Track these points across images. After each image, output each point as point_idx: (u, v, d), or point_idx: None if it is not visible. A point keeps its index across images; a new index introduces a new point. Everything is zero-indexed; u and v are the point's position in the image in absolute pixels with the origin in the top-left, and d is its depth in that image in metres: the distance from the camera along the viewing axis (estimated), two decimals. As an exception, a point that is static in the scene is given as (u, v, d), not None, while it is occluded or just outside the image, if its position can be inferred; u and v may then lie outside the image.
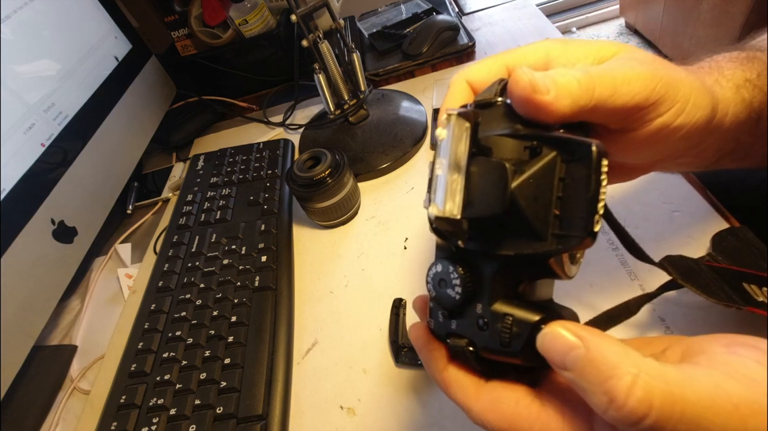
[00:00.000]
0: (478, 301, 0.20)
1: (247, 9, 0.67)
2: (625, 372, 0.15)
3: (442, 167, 0.18)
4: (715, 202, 0.39)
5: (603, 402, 0.15)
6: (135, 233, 0.60)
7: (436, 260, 0.21)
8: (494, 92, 0.21)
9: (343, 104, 0.55)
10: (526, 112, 0.19)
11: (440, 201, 0.17)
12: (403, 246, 0.45)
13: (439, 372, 0.22)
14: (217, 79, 0.76)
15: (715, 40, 1.37)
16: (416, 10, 0.76)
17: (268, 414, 0.35)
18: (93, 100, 0.54)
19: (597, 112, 0.20)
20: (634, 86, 0.20)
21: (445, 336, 0.21)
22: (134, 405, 0.37)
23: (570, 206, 0.17)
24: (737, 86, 0.26)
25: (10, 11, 0.46)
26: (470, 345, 0.20)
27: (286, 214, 0.51)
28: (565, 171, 0.18)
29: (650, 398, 0.15)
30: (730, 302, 0.28)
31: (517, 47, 0.24)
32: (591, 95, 0.19)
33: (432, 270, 0.21)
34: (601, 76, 0.20)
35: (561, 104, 0.19)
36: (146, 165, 0.72)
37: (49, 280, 0.45)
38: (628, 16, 1.93)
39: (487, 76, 0.24)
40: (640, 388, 0.15)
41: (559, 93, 0.19)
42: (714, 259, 0.33)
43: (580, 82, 0.19)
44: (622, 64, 0.21)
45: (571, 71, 0.20)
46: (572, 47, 0.23)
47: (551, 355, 0.17)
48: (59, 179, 0.47)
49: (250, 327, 0.40)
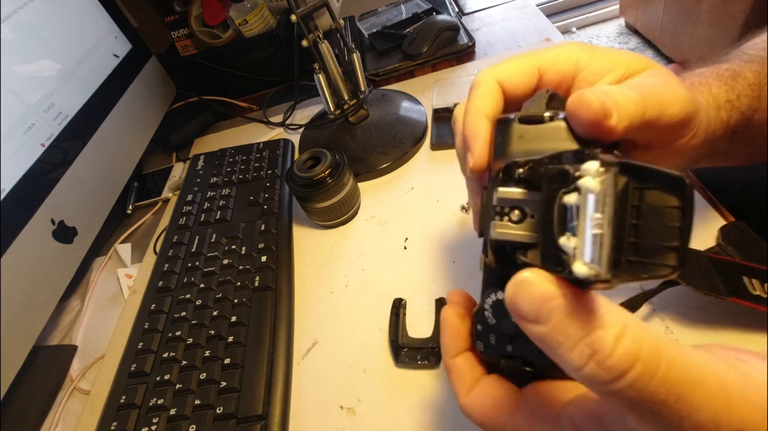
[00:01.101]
0: None
1: (247, 9, 0.68)
2: (613, 323, 0.15)
3: (599, 225, 0.15)
4: (715, 201, 0.39)
5: (583, 356, 0.15)
6: (135, 233, 0.60)
7: (493, 287, 0.21)
8: (543, 106, 0.21)
9: (343, 104, 0.55)
10: (588, 133, 0.19)
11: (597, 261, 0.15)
12: (403, 246, 0.45)
13: (450, 358, 0.23)
14: (217, 79, 0.76)
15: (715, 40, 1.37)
16: (416, 10, 0.76)
17: (268, 414, 0.35)
18: (93, 100, 0.54)
19: (641, 130, 0.20)
20: (676, 108, 0.20)
21: (499, 358, 0.21)
22: (134, 405, 0.37)
23: (652, 234, 0.17)
24: (719, 106, 0.27)
25: (10, 11, 0.46)
26: (526, 365, 0.20)
27: (286, 213, 0.51)
28: (639, 198, 0.17)
29: (638, 350, 0.14)
30: (711, 292, 0.28)
31: (545, 48, 0.24)
32: (643, 116, 0.19)
33: (492, 297, 0.21)
34: (651, 96, 0.20)
35: (621, 125, 0.19)
36: (146, 165, 0.72)
37: (49, 280, 0.45)
38: (628, 16, 1.93)
39: (519, 77, 0.24)
40: (629, 339, 0.14)
41: (620, 115, 0.19)
42: (723, 250, 0.33)
43: (636, 103, 0.19)
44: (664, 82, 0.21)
45: (625, 90, 0.20)
46: (600, 57, 0.23)
47: (521, 306, 0.16)
48: (59, 179, 0.47)
49: (250, 327, 0.40)
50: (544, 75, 0.24)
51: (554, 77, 0.24)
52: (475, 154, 0.22)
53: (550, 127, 0.20)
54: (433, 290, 0.40)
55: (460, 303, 0.24)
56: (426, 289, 0.41)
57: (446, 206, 0.47)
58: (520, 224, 0.18)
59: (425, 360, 0.35)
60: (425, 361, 0.35)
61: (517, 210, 0.18)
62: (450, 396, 0.34)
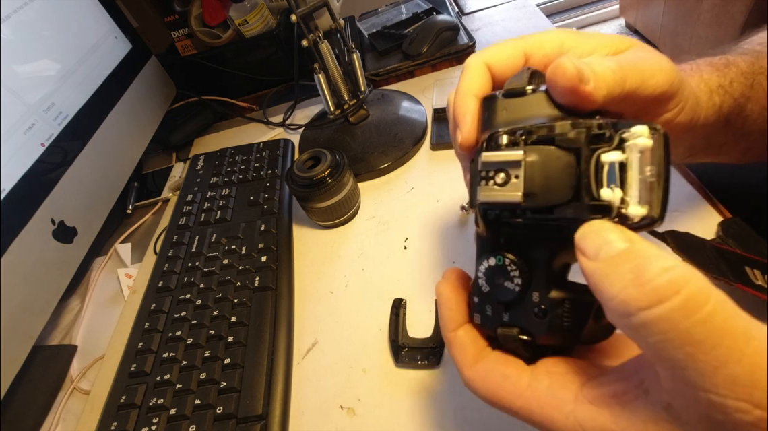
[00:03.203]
0: (533, 290, 0.20)
1: (247, 9, 0.67)
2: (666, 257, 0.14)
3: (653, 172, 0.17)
4: (715, 201, 0.39)
5: (624, 281, 0.14)
6: (135, 233, 0.60)
7: (485, 254, 0.21)
8: (524, 80, 0.21)
9: (343, 104, 0.55)
10: (568, 101, 0.19)
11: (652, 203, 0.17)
12: (403, 246, 0.45)
13: (450, 331, 0.22)
14: (217, 79, 0.76)
15: (715, 40, 1.37)
16: (416, 10, 0.76)
17: (268, 414, 0.35)
18: (93, 100, 0.54)
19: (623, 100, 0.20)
20: (658, 78, 0.21)
21: (495, 328, 0.21)
22: (134, 405, 0.37)
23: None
24: (711, 91, 0.27)
25: (10, 11, 0.46)
26: (522, 333, 0.20)
27: (286, 213, 0.51)
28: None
29: (684, 283, 0.14)
30: (720, 276, 0.29)
31: (532, 34, 0.24)
32: (623, 85, 0.20)
33: (484, 264, 0.21)
34: (631, 67, 0.20)
35: (599, 93, 0.19)
36: (146, 165, 0.72)
37: (49, 280, 0.45)
38: (628, 16, 1.93)
39: (506, 60, 0.24)
40: (677, 273, 0.14)
41: (597, 83, 0.19)
42: (724, 242, 0.34)
43: (615, 72, 0.20)
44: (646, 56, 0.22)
45: (604, 60, 0.20)
46: (585, 39, 0.23)
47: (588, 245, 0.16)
48: (59, 179, 0.47)
49: (250, 327, 0.40)
50: (530, 58, 0.24)
51: (540, 60, 0.24)
52: (464, 130, 0.23)
53: (532, 98, 0.20)
54: (433, 290, 0.40)
55: (454, 278, 0.24)
56: (426, 289, 0.41)
57: (446, 206, 0.47)
58: (505, 185, 0.19)
59: (425, 360, 0.35)
60: (425, 361, 0.35)
61: (502, 173, 0.19)
62: (450, 396, 0.34)
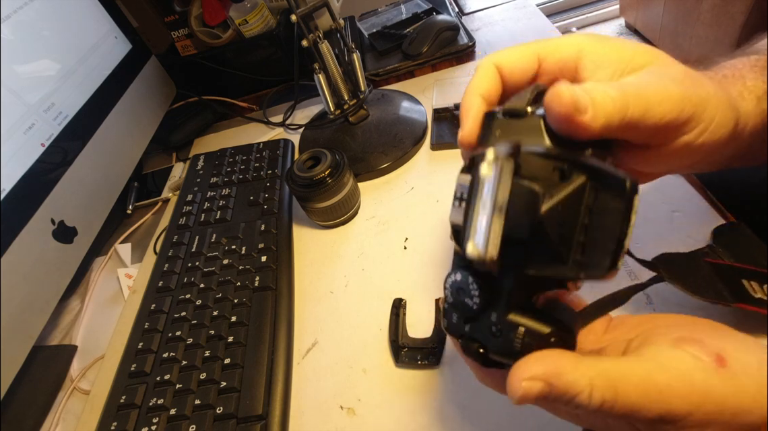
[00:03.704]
0: (492, 310, 0.20)
1: (247, 9, 0.68)
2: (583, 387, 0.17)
3: (485, 210, 0.17)
4: (715, 201, 0.39)
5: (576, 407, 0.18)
6: (135, 233, 0.60)
7: (455, 268, 0.21)
8: (527, 100, 0.21)
9: (343, 104, 0.55)
10: (562, 129, 0.19)
11: (482, 244, 0.17)
12: (403, 246, 0.45)
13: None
14: (217, 79, 0.76)
15: (715, 40, 1.37)
16: (416, 10, 0.76)
17: (268, 414, 0.35)
18: (93, 100, 0.54)
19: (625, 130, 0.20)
20: (664, 107, 0.20)
21: (458, 336, 0.22)
22: (134, 405, 0.37)
23: (595, 235, 0.17)
24: (758, 98, 0.25)
25: (10, 11, 0.46)
26: (481, 347, 0.21)
27: (286, 213, 0.51)
28: (594, 199, 0.18)
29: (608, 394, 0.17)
30: (718, 299, 0.28)
31: (550, 38, 0.24)
32: (624, 115, 0.19)
33: (451, 278, 0.21)
34: (634, 95, 0.19)
35: (596, 124, 0.19)
36: (146, 165, 0.72)
37: (49, 280, 0.45)
38: (628, 16, 1.93)
39: (517, 63, 0.24)
40: (599, 391, 0.17)
41: (595, 112, 0.18)
42: (714, 251, 0.33)
43: (615, 101, 0.19)
44: (655, 81, 0.21)
45: (606, 88, 0.19)
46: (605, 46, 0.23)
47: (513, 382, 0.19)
48: (59, 179, 0.47)
49: (250, 327, 0.40)
50: (543, 62, 0.24)
51: (554, 65, 0.23)
52: (465, 127, 0.23)
53: (527, 122, 0.20)
54: (433, 290, 0.40)
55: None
56: (426, 289, 0.41)
57: (446, 206, 0.47)
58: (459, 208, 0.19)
59: (425, 360, 0.35)
60: (425, 361, 0.35)
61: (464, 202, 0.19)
62: (450, 396, 0.34)
